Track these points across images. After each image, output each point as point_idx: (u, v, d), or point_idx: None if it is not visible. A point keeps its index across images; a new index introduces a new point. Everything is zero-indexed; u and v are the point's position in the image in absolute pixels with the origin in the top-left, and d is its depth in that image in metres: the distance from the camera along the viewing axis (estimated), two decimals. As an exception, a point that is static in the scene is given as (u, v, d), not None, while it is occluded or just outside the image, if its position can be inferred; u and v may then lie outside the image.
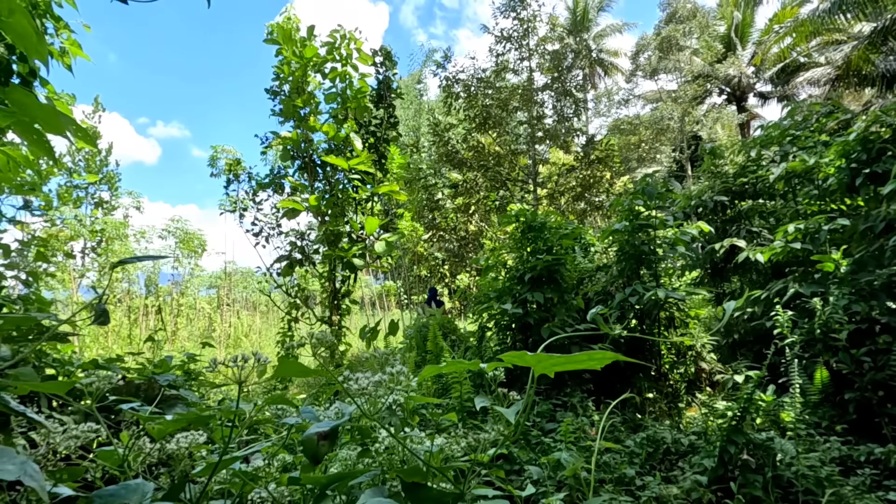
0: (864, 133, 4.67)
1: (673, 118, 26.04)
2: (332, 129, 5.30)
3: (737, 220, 6.75)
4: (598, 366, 0.63)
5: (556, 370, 0.63)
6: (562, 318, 5.02)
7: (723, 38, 26.80)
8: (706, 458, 2.92)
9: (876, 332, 4.03)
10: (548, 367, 0.61)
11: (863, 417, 3.80)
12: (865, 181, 4.66)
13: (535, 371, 0.61)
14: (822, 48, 20.56)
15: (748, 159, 6.75)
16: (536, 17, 12.33)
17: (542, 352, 2.93)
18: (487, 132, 11.99)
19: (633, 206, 5.29)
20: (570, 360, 0.59)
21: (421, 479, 0.63)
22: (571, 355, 0.60)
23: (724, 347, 6.15)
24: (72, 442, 0.62)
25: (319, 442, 0.61)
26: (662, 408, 4.91)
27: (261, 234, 5.87)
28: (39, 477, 0.43)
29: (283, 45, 5.34)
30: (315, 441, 0.61)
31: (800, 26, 16.29)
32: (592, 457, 3.01)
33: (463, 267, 13.08)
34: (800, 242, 4.92)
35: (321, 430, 0.62)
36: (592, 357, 0.60)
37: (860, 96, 21.33)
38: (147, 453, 0.63)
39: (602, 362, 0.62)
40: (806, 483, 2.74)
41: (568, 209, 12.49)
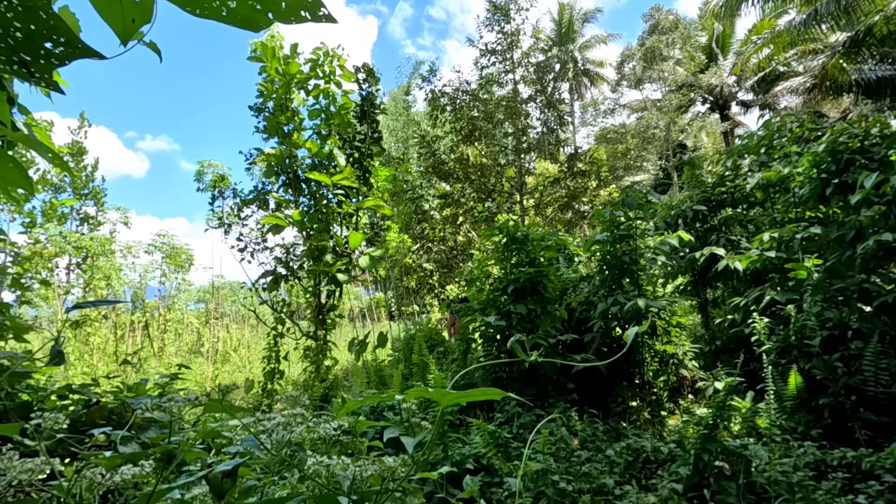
0: (833, 144, 4.82)
1: (658, 127, 26.46)
2: (315, 145, 5.36)
3: (717, 228, 6.88)
4: (496, 397, 0.68)
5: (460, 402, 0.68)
6: (545, 328, 5.08)
7: (704, 49, 27.37)
8: (682, 465, 2.98)
9: (848, 337, 4.13)
10: (451, 401, 0.66)
11: (837, 422, 3.89)
12: (836, 190, 4.80)
13: (442, 404, 0.66)
14: (799, 58, 21.08)
15: (726, 169, 6.91)
16: (520, 30, 12.54)
17: (528, 364, 2.98)
18: (474, 144, 12.12)
19: (615, 217, 5.39)
20: (468, 395, 0.65)
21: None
22: (469, 391, 0.65)
23: (706, 354, 6.24)
24: (25, 476, 0.66)
25: (223, 479, 0.66)
26: (645, 416, 4.97)
27: (246, 249, 5.89)
28: None
29: (267, 62, 5.40)
30: (219, 478, 0.66)
31: (777, 37, 16.71)
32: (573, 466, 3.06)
33: (452, 278, 13.13)
34: (774, 251, 5.04)
35: (225, 468, 0.67)
36: (486, 392, 0.65)
37: (839, 104, 21.85)
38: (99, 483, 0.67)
39: (498, 396, 0.67)
40: (778, 489, 2.80)
41: (555, 219, 12.62)
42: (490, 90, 12.42)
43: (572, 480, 2.93)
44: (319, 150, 5.29)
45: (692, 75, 25.99)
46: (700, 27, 27.45)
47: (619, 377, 5.27)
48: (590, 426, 4.27)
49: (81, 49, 0.68)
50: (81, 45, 0.68)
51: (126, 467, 0.69)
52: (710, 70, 25.97)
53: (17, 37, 0.62)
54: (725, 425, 3.17)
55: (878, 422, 3.68)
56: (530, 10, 12.57)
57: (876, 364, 3.79)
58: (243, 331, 19.14)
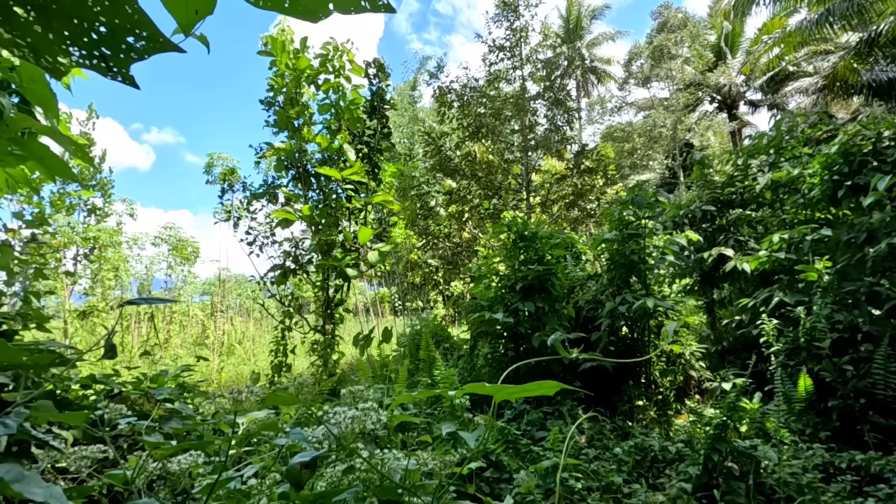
0: (845, 146, 4.79)
1: (665, 126, 26.34)
2: (325, 140, 5.37)
3: (725, 229, 6.86)
4: (549, 392, 0.69)
5: (513, 398, 0.69)
6: (553, 326, 5.08)
7: (713, 48, 27.18)
8: (691, 465, 2.98)
9: (858, 340, 4.12)
10: (504, 396, 0.67)
11: (846, 425, 3.88)
12: (847, 193, 4.78)
13: (495, 399, 0.67)
14: (810, 58, 20.92)
15: (736, 169, 6.87)
16: (529, 26, 12.48)
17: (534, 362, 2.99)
18: (480, 141, 12.10)
19: (623, 216, 5.37)
20: (525, 389, 0.65)
21: (394, 498, 0.69)
22: (525, 385, 0.66)
23: (713, 355, 6.23)
24: (83, 462, 0.67)
25: (302, 470, 0.67)
26: (652, 415, 4.97)
27: (254, 243, 5.91)
28: (64, 499, 0.48)
29: (277, 56, 5.40)
30: (298, 470, 0.67)
31: (788, 36, 16.57)
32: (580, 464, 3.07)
33: (457, 274, 13.14)
34: (784, 252, 5.03)
35: (304, 459, 0.68)
36: (542, 386, 0.66)
37: (848, 105, 21.68)
38: (150, 472, 0.69)
39: (552, 390, 0.68)
40: (788, 490, 2.80)
41: (561, 217, 12.60)
42: (498, 87, 12.39)
43: (581, 478, 2.94)
44: (329, 145, 5.30)
45: (700, 74, 25.82)
46: (709, 25, 27.26)
47: (625, 376, 5.27)
48: (597, 424, 4.28)
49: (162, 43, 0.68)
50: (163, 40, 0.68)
51: (182, 456, 0.70)
52: (719, 69, 25.79)
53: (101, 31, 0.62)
54: (735, 426, 3.17)
55: (888, 425, 3.67)
56: (539, 5, 12.50)
57: (886, 367, 3.77)
58: (248, 324, 19.24)
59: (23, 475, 0.47)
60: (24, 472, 0.47)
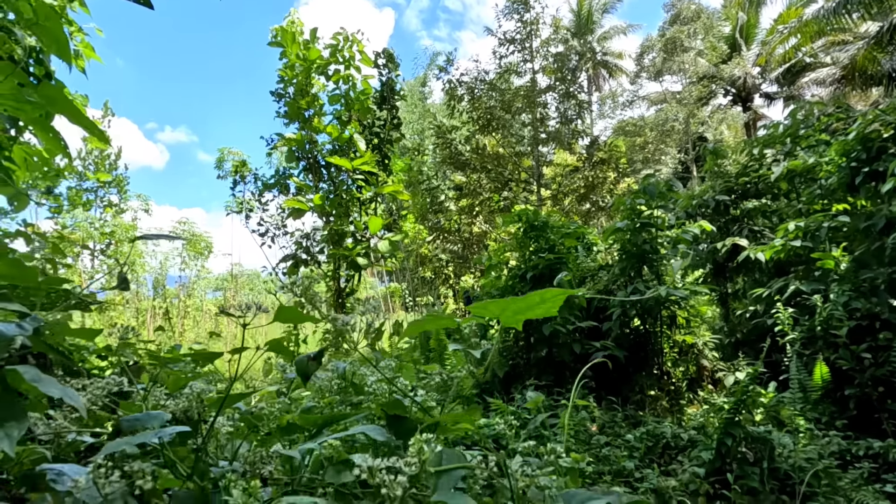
0: (863, 132, 4.69)
1: (678, 119, 25.98)
2: (335, 130, 5.38)
3: (739, 219, 6.76)
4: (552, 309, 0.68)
5: (519, 318, 0.68)
6: (563, 315, 5.06)
7: (728, 39, 26.74)
8: (704, 450, 2.96)
9: (876, 328, 4.04)
10: (510, 316, 0.66)
11: (863, 413, 3.82)
12: (865, 180, 4.68)
13: (501, 320, 0.67)
14: (827, 48, 20.49)
15: (751, 158, 6.77)
16: (539, 19, 12.39)
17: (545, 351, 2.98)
18: (491, 134, 12.06)
19: (636, 206, 5.32)
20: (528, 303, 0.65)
21: (402, 412, 0.70)
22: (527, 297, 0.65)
23: (726, 346, 6.16)
24: (99, 391, 0.69)
25: (309, 362, 0.68)
26: (664, 405, 4.93)
27: (266, 234, 5.96)
28: (77, 398, 0.50)
29: (288, 48, 5.43)
30: (305, 361, 0.68)
31: (804, 26, 16.26)
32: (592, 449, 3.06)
33: (467, 268, 13.13)
34: (800, 240, 4.95)
35: (311, 353, 0.69)
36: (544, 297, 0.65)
37: (867, 96, 21.22)
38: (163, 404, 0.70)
39: (556, 302, 0.67)
40: (803, 475, 2.77)
41: (572, 210, 12.53)
42: (508, 79, 12.33)
43: (592, 462, 2.93)
44: (340, 135, 5.32)
45: (714, 66, 25.44)
46: (723, 17, 26.82)
47: (637, 366, 5.23)
48: (608, 413, 4.26)
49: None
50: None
51: (194, 382, 0.72)
52: (733, 61, 25.38)
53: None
54: (749, 409, 3.13)
55: (907, 413, 3.61)
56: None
57: (905, 355, 3.70)
58: (260, 319, 19.35)
59: (40, 376, 0.49)
60: (42, 374, 0.48)
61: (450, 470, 0.54)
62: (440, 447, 0.59)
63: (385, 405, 0.70)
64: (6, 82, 0.88)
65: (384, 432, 0.65)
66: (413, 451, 0.53)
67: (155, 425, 0.60)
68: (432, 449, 0.53)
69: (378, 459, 0.52)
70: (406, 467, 0.51)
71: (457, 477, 0.54)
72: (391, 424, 0.68)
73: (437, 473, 0.54)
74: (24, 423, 0.48)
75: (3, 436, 0.46)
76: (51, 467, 0.53)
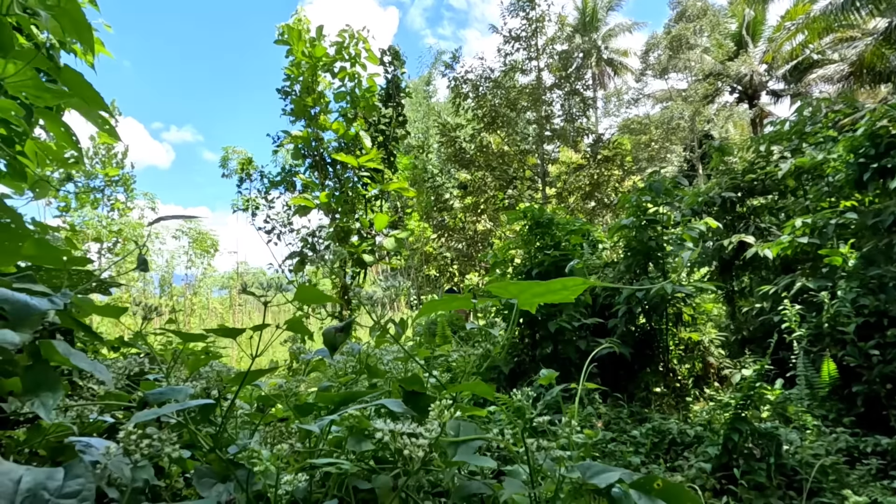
0: (871, 128, 4.66)
1: (683, 117, 25.84)
2: (341, 127, 5.41)
3: (746, 216, 6.73)
4: (571, 296, 0.69)
5: (536, 301, 0.69)
6: (569, 312, 5.06)
7: (734, 36, 26.57)
8: (710, 446, 2.96)
9: (884, 325, 4.02)
10: (529, 298, 0.67)
11: (871, 410, 3.80)
12: (874, 176, 4.65)
13: (518, 302, 0.68)
14: (835, 45, 20.32)
15: (757, 155, 6.73)
16: (545, 16, 12.37)
17: (551, 348, 2.98)
18: (496, 132, 12.05)
19: (641, 203, 5.31)
20: (548, 288, 0.65)
21: (419, 388, 0.71)
22: (549, 283, 0.66)
23: (733, 343, 6.14)
24: (120, 370, 0.71)
25: (336, 333, 0.70)
26: (670, 402, 4.93)
27: (273, 231, 5.99)
28: (106, 372, 0.51)
29: (294, 45, 5.45)
30: (333, 333, 0.70)
31: (812, 23, 16.14)
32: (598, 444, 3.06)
33: (472, 266, 13.14)
34: (807, 237, 4.92)
35: (338, 326, 0.71)
36: (566, 285, 0.66)
37: (875, 93, 21.03)
38: (182, 381, 0.72)
39: (575, 290, 0.68)
40: (810, 471, 2.76)
41: (577, 208, 12.50)
42: (513, 77, 12.31)
43: (598, 457, 2.94)
44: (346, 133, 5.34)
45: (720, 64, 25.28)
46: (730, 14, 26.64)
47: (643, 363, 5.23)
48: (614, 409, 4.26)
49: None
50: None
51: (215, 362, 0.73)
52: (740, 58, 25.21)
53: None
54: (756, 405, 3.13)
55: (915, 410, 3.59)
56: (555, -5, 12.38)
57: (914, 352, 3.68)
58: (271, 317, 19.51)
59: (71, 350, 0.50)
60: (72, 348, 0.50)
61: (467, 441, 0.55)
62: (459, 420, 0.60)
63: (403, 381, 0.72)
64: (27, 68, 0.89)
65: (402, 405, 0.67)
66: (434, 414, 0.55)
67: (179, 398, 0.61)
68: (452, 413, 0.54)
69: (400, 424, 0.53)
70: (427, 432, 0.52)
71: (473, 447, 0.55)
72: (408, 400, 0.69)
73: (454, 444, 0.55)
74: (58, 392, 0.50)
75: (39, 403, 0.48)
76: (79, 440, 0.54)
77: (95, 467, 0.51)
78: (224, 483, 0.56)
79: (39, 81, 0.96)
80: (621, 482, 0.54)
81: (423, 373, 0.85)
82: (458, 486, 0.62)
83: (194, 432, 0.60)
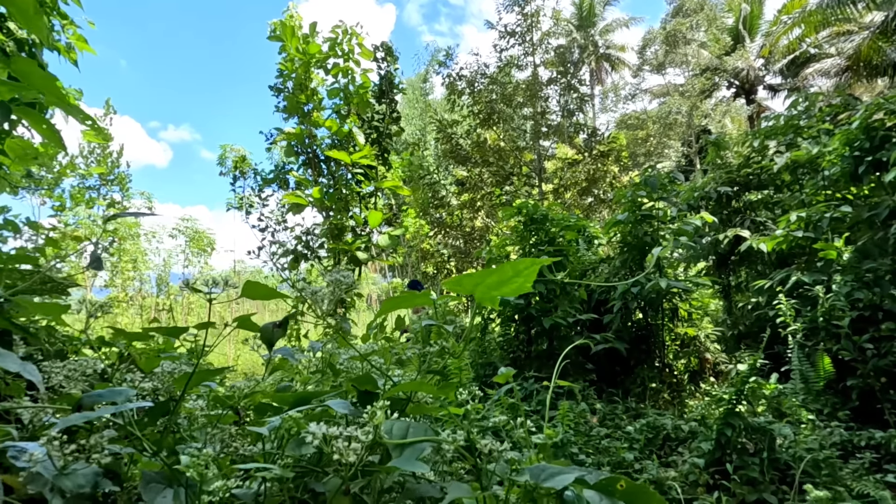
0: (866, 121, 4.64)
1: (681, 112, 25.79)
2: (335, 124, 5.38)
3: (741, 211, 6.72)
4: (526, 283, 0.66)
5: (493, 294, 0.67)
6: (564, 309, 5.05)
7: (731, 31, 26.51)
8: (704, 441, 2.95)
9: (879, 319, 4.01)
10: (485, 292, 0.65)
11: (865, 404, 3.80)
12: (869, 169, 4.64)
13: (476, 296, 0.66)
14: (832, 39, 20.28)
15: (753, 150, 6.72)
16: (540, 11, 12.31)
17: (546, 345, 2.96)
18: (492, 128, 12.01)
19: (637, 198, 5.29)
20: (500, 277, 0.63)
21: (372, 388, 0.69)
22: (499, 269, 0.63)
23: (729, 338, 6.14)
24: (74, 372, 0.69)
25: (273, 329, 0.68)
26: (666, 398, 4.92)
27: (267, 229, 5.96)
28: (36, 373, 0.49)
29: (287, 41, 5.41)
30: (270, 328, 0.68)
31: (809, 17, 16.10)
32: (590, 441, 3.05)
33: (469, 263, 13.12)
34: (802, 231, 4.91)
35: (276, 322, 0.69)
36: (517, 270, 0.63)
37: (872, 87, 21.01)
38: (139, 385, 0.70)
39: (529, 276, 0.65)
40: (803, 465, 2.75)
41: (574, 204, 12.48)
42: (509, 73, 12.27)
43: (592, 453, 2.93)
44: (339, 130, 5.31)
45: (717, 58, 25.21)
46: (726, 8, 26.58)
47: (638, 359, 5.22)
48: (609, 405, 4.26)
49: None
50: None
51: (164, 362, 0.71)
52: (737, 52, 25.16)
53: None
54: (749, 401, 3.12)
55: (909, 404, 3.58)
56: (551, -10, 12.32)
57: (908, 345, 3.67)
58: (263, 315, 19.48)
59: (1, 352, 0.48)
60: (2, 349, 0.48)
61: (415, 442, 0.53)
62: (410, 421, 0.59)
63: (355, 380, 0.70)
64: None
65: (349, 406, 0.65)
66: (367, 418, 0.53)
67: (119, 401, 0.59)
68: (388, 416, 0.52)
69: (333, 427, 0.51)
70: (363, 435, 0.50)
71: (421, 449, 0.53)
72: (362, 400, 0.68)
73: (401, 446, 0.53)
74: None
75: (-42, 407, 0.46)
76: (13, 444, 0.52)
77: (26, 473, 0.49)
78: (173, 488, 0.55)
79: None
80: (581, 483, 0.52)
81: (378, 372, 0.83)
82: (407, 488, 0.61)
83: (139, 436, 0.59)
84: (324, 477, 0.61)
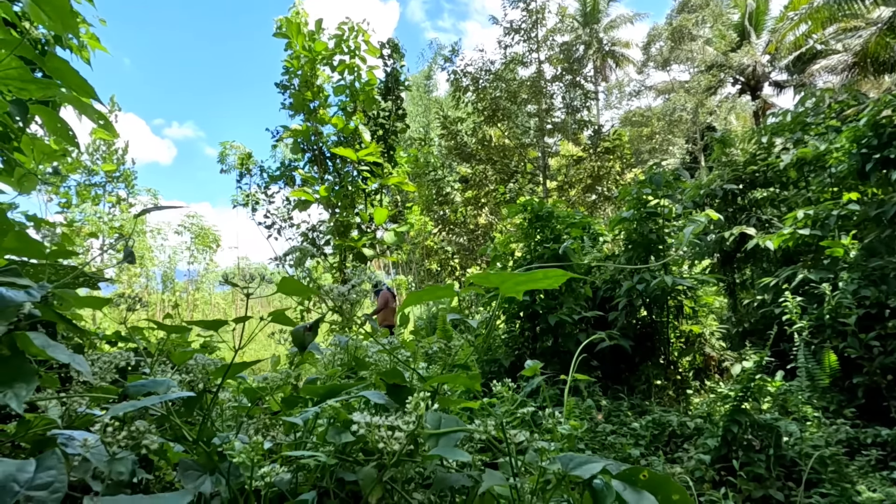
0: (874, 118, 4.62)
1: (686, 109, 25.65)
2: (341, 121, 5.38)
3: (747, 208, 6.70)
4: (554, 284, 0.68)
5: (519, 290, 0.69)
6: (569, 306, 5.06)
7: (736, 27, 26.33)
8: (710, 438, 2.96)
9: (885, 316, 4.00)
10: (511, 287, 0.66)
11: (871, 401, 3.80)
12: (876, 167, 4.62)
13: (501, 291, 0.67)
14: (838, 35, 20.11)
15: (759, 147, 6.69)
16: (545, 7, 12.26)
17: (551, 341, 2.99)
18: (496, 125, 11.99)
19: (642, 195, 5.29)
20: (530, 277, 0.65)
21: (400, 381, 0.71)
22: (531, 273, 0.65)
23: (734, 336, 6.13)
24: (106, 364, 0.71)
25: (305, 332, 0.69)
26: (671, 394, 4.93)
27: (273, 226, 5.99)
28: (84, 364, 0.51)
29: (293, 38, 5.41)
30: (301, 331, 0.70)
31: (815, 13, 15.98)
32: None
33: (473, 260, 13.12)
34: (809, 229, 4.89)
35: (307, 324, 0.70)
36: (548, 275, 0.65)
37: (879, 83, 20.82)
38: (170, 377, 0.72)
39: (558, 280, 0.67)
40: (810, 462, 2.76)
41: (578, 201, 12.45)
42: (513, 70, 12.23)
43: (598, 449, 2.94)
44: (345, 126, 5.32)
45: (723, 55, 25.04)
46: (733, 4, 26.39)
47: (643, 356, 5.23)
48: (614, 402, 4.27)
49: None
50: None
51: (198, 355, 0.73)
52: (743, 49, 24.98)
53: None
54: (755, 397, 3.12)
55: (916, 401, 3.58)
56: (555, -14, 12.26)
57: (915, 343, 3.67)
58: (268, 311, 19.54)
59: (49, 342, 0.50)
60: (51, 340, 0.50)
61: (448, 433, 0.55)
62: (440, 412, 0.60)
63: (384, 374, 0.72)
64: (11, 58, 0.88)
65: (384, 397, 0.67)
66: (410, 407, 0.54)
67: (161, 391, 0.61)
68: (429, 405, 0.54)
69: (377, 417, 0.53)
70: (404, 424, 0.52)
71: (454, 439, 0.55)
72: (391, 393, 0.69)
73: (434, 436, 0.55)
74: (32, 383, 0.50)
75: (12, 395, 0.48)
76: (61, 432, 0.54)
77: (75, 460, 0.51)
78: (210, 475, 0.56)
79: (25, 72, 0.95)
80: (605, 473, 0.54)
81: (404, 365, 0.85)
82: (439, 477, 0.63)
83: (178, 424, 0.61)
84: (355, 466, 0.63)
